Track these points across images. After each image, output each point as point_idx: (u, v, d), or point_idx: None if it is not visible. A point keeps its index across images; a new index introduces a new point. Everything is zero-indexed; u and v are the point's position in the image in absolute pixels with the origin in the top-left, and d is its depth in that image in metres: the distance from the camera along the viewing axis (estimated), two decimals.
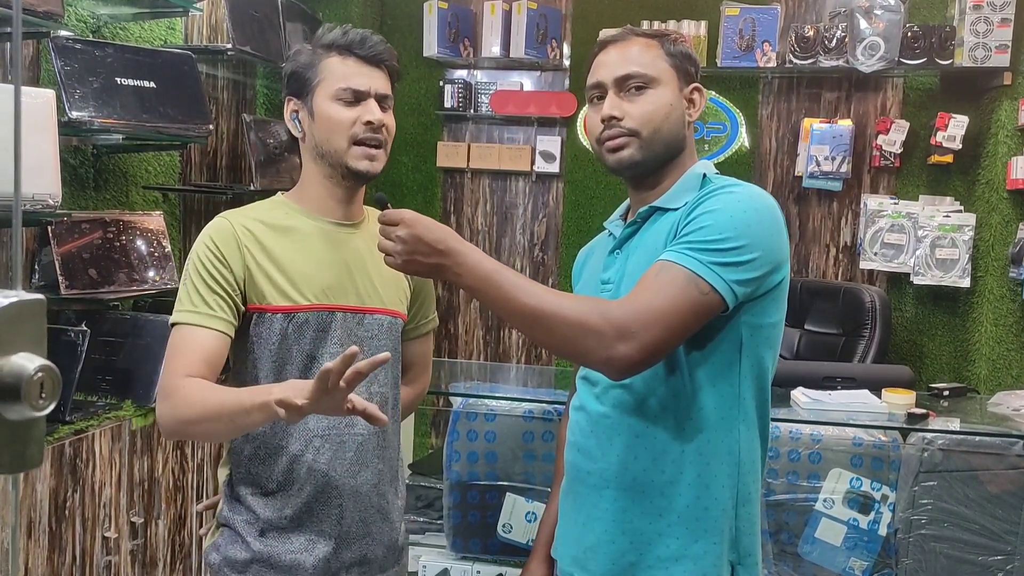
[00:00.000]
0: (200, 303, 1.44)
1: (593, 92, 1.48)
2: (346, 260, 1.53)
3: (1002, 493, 2.18)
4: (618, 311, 1.28)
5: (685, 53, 1.48)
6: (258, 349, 1.49)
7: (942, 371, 3.68)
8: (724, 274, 1.29)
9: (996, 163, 3.40)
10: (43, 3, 2.11)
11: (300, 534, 1.50)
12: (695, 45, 3.75)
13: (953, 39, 3.46)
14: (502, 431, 2.32)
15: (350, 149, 1.49)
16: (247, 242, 1.48)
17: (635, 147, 1.42)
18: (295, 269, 1.49)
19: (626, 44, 1.46)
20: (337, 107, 1.48)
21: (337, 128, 1.48)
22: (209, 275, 1.45)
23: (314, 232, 1.53)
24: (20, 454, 0.61)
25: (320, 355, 1.49)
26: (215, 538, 1.56)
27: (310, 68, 1.51)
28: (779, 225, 1.37)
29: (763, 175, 3.89)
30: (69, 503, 2.13)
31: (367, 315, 1.54)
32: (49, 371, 0.60)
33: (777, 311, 1.40)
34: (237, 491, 1.53)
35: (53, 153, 2.12)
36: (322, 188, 1.54)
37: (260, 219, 1.52)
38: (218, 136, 3.25)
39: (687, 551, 1.38)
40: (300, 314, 1.48)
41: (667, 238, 1.37)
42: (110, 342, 2.43)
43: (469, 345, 4.26)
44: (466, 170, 4.17)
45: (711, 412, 1.38)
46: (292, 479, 1.49)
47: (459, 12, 4.00)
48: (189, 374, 1.40)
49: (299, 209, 1.55)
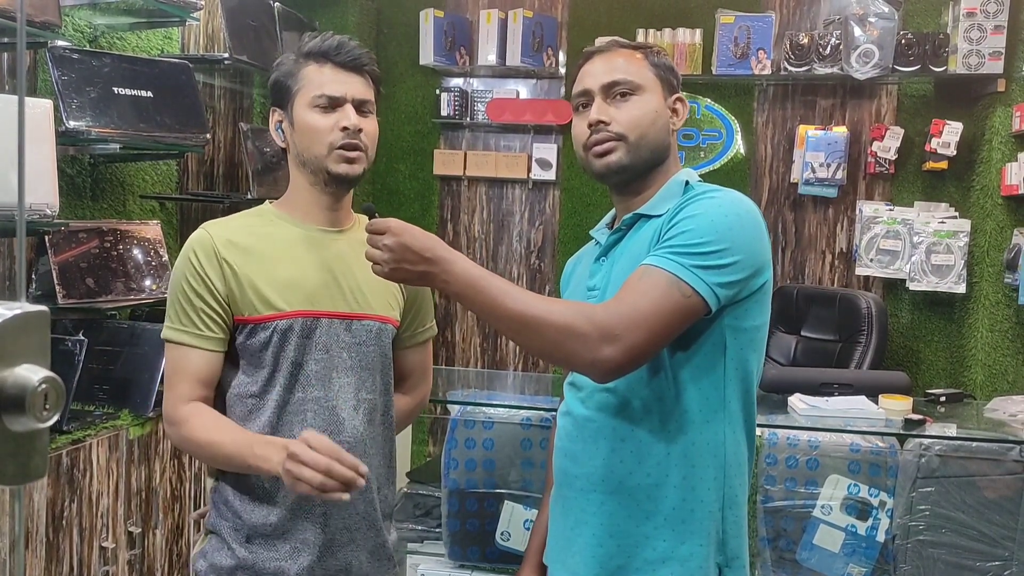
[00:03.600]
0: (189, 323, 1.48)
1: (579, 100, 1.50)
2: (332, 265, 1.53)
3: (999, 498, 2.18)
4: (602, 314, 1.29)
5: (668, 65, 1.51)
6: (247, 360, 1.51)
7: (938, 377, 3.69)
8: (706, 277, 1.30)
9: (990, 169, 3.41)
10: (41, 13, 2.12)
11: (285, 541, 1.50)
12: (690, 53, 3.77)
13: (947, 46, 3.47)
14: (500, 439, 2.32)
15: (330, 155, 1.49)
16: (228, 256, 1.48)
17: (622, 151, 1.44)
18: (279, 277, 1.49)
19: (611, 54, 1.49)
20: (314, 115, 1.49)
21: (315, 136, 1.49)
22: (195, 293, 1.48)
23: (299, 238, 1.53)
24: (24, 465, 0.61)
25: (306, 361, 1.49)
26: (203, 545, 1.56)
27: (290, 77, 1.53)
28: (760, 229, 1.38)
29: (759, 182, 3.90)
30: (66, 513, 2.13)
31: (355, 321, 1.54)
32: (53, 383, 0.60)
33: (761, 314, 1.41)
34: (224, 497, 1.53)
35: (51, 163, 2.12)
36: (308, 195, 1.55)
37: (243, 228, 1.53)
38: (215, 145, 3.25)
39: (674, 553, 1.39)
40: (283, 321, 1.48)
41: (650, 244, 1.39)
42: (107, 351, 2.43)
43: (466, 353, 4.26)
44: (463, 178, 4.18)
45: (695, 414, 1.39)
46: (278, 485, 1.48)
47: (455, 20, 4.01)
48: (192, 399, 1.48)
49: (286, 217, 1.56)
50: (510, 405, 2.41)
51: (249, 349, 1.49)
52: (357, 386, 1.52)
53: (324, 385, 1.50)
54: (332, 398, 1.51)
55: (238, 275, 1.48)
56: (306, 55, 1.52)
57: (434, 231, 4.18)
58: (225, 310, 1.48)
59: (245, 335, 1.49)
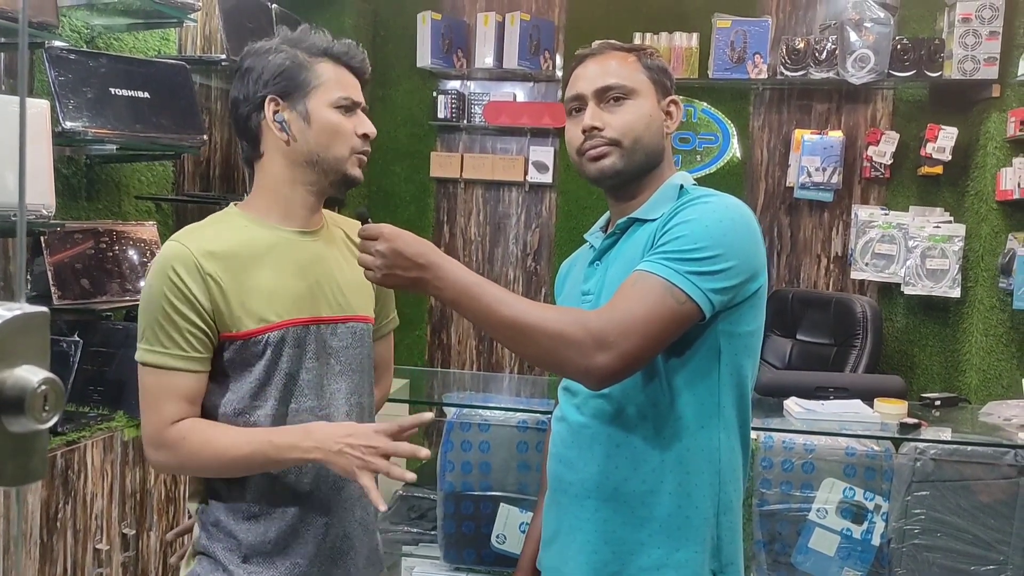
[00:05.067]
0: (172, 344, 1.38)
1: (572, 104, 1.49)
2: (313, 269, 1.48)
3: (994, 502, 2.19)
4: (596, 321, 1.29)
5: (661, 67, 1.50)
6: (236, 375, 1.43)
7: (933, 381, 3.70)
8: (700, 283, 1.30)
9: (985, 174, 3.43)
10: (38, 14, 2.11)
11: (285, 557, 1.45)
12: (687, 57, 3.78)
13: (942, 52, 3.49)
14: (496, 441, 2.32)
15: (351, 157, 1.46)
16: (210, 269, 1.39)
17: (616, 156, 1.44)
18: (263, 286, 1.43)
19: (604, 57, 1.48)
20: (338, 115, 1.45)
21: (341, 137, 1.45)
22: (177, 312, 1.37)
23: (278, 243, 1.46)
24: (23, 467, 0.61)
25: (299, 371, 1.45)
26: (192, 566, 1.50)
27: (304, 70, 1.45)
28: (754, 234, 1.38)
29: (755, 186, 3.91)
30: (61, 515, 2.12)
31: (340, 324, 1.50)
32: (53, 384, 0.60)
33: (755, 319, 1.41)
34: (215, 518, 1.47)
35: (47, 163, 2.12)
36: (294, 195, 1.48)
37: (218, 238, 1.43)
38: (212, 146, 3.25)
39: (669, 560, 1.39)
40: (275, 333, 1.42)
41: (645, 249, 1.38)
42: (102, 352, 2.42)
43: (462, 355, 4.26)
44: (459, 180, 4.18)
45: (690, 420, 1.38)
46: (275, 501, 1.45)
47: (452, 23, 4.01)
48: (180, 418, 1.39)
49: (258, 220, 1.47)
50: (506, 408, 2.41)
51: (237, 364, 1.42)
52: (348, 391, 1.50)
53: (317, 394, 1.46)
54: (325, 406, 1.47)
55: (224, 290, 1.39)
56: (319, 51, 1.46)
57: (430, 233, 4.18)
58: (211, 327, 1.39)
59: (234, 351, 1.41)
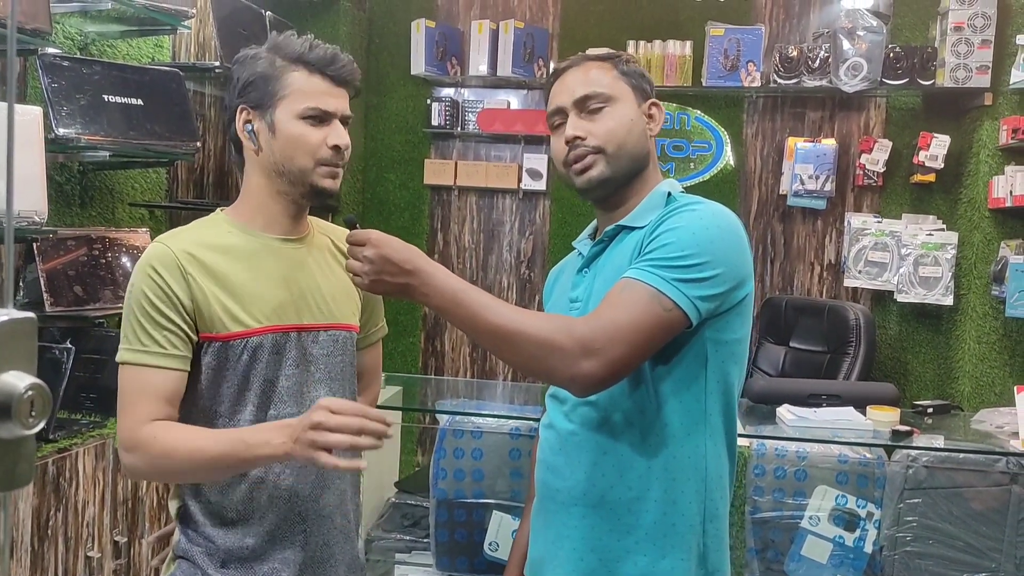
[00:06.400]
0: (150, 341, 1.37)
1: (555, 119, 1.49)
2: (296, 277, 1.47)
3: (986, 510, 2.19)
4: (583, 328, 1.29)
5: (639, 72, 1.50)
6: (215, 378, 1.42)
7: (926, 388, 3.71)
8: (687, 290, 1.30)
9: (978, 182, 3.44)
10: (31, 20, 2.11)
11: (263, 563, 1.44)
12: (681, 65, 3.79)
13: (935, 60, 3.51)
14: (489, 449, 2.32)
15: (316, 169, 1.43)
16: (191, 269, 1.39)
17: (603, 164, 1.44)
18: (245, 291, 1.42)
19: (581, 68, 1.49)
20: (303, 126, 1.42)
21: (303, 149, 1.42)
22: (156, 310, 1.37)
23: (261, 250, 1.46)
24: (10, 472, 0.61)
25: (278, 378, 1.44)
26: (171, 570, 1.49)
27: (272, 80, 1.43)
28: (741, 242, 1.38)
29: (748, 193, 3.92)
30: (52, 522, 2.11)
31: (321, 331, 1.49)
32: (40, 389, 0.60)
33: (742, 327, 1.41)
34: (195, 521, 1.46)
35: (40, 170, 2.11)
36: (274, 203, 1.47)
37: (201, 241, 1.43)
38: (205, 153, 3.25)
39: (655, 568, 1.39)
40: (254, 338, 1.41)
41: (632, 256, 1.38)
42: (95, 360, 2.41)
43: (456, 362, 4.25)
44: (453, 187, 4.18)
45: (677, 427, 1.38)
46: (254, 507, 1.43)
47: (446, 31, 4.02)
48: (154, 419, 1.36)
49: (243, 226, 1.47)
50: (499, 415, 2.41)
51: (216, 367, 1.41)
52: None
53: (297, 401, 1.45)
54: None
55: (204, 290, 1.39)
56: (293, 59, 1.44)
57: (424, 241, 4.18)
58: (191, 327, 1.39)
59: (212, 353, 1.40)
